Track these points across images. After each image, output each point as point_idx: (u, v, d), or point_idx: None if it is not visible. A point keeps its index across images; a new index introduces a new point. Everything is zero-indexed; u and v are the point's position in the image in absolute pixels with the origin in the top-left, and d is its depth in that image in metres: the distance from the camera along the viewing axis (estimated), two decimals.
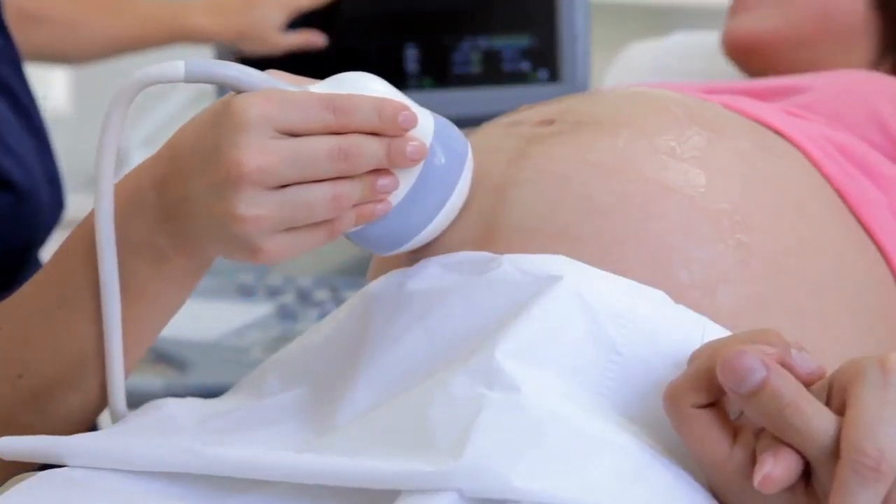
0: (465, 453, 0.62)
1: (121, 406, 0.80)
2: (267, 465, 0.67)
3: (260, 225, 0.70)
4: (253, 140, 0.69)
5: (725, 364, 0.61)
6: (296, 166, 0.70)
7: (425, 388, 0.69)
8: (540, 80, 1.63)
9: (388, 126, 0.72)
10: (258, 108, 0.70)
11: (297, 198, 0.71)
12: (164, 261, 0.77)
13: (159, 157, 0.76)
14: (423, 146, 0.74)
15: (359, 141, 0.72)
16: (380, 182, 0.73)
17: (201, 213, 0.72)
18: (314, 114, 0.71)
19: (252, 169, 0.69)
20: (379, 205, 0.74)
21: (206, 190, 0.71)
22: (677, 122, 0.83)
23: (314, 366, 0.78)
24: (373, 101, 0.72)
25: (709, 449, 0.64)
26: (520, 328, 0.69)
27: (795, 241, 0.80)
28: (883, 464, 0.58)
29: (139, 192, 0.76)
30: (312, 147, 0.71)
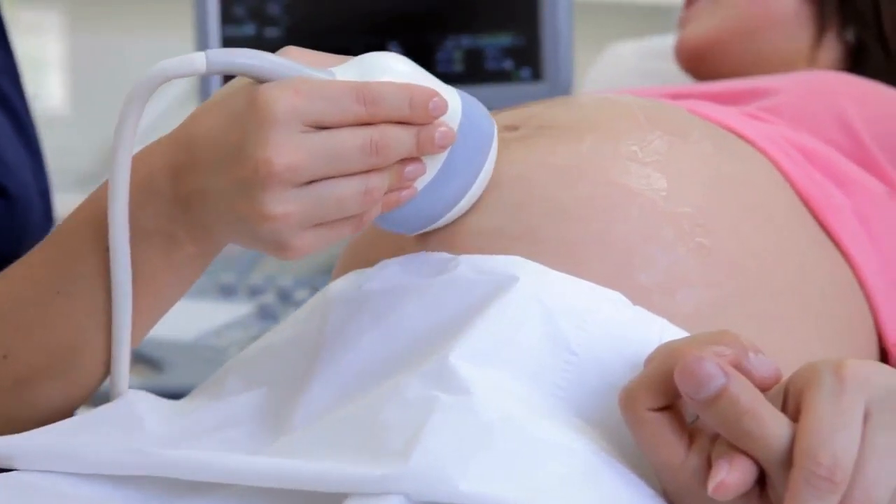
0: (413, 457, 0.62)
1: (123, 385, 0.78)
2: (219, 468, 0.66)
3: (289, 223, 0.68)
4: (282, 136, 0.67)
5: (684, 370, 0.61)
6: (326, 162, 0.68)
7: (379, 390, 0.69)
8: (523, 78, 1.62)
9: (419, 115, 0.70)
10: (286, 101, 0.67)
11: (327, 194, 0.69)
12: (176, 249, 0.74)
13: (174, 143, 0.73)
14: (452, 132, 0.72)
15: (390, 133, 0.69)
16: (407, 170, 0.72)
17: (222, 209, 0.70)
18: (344, 106, 0.68)
19: (282, 168, 0.67)
20: (405, 192, 0.72)
21: (230, 186, 0.69)
22: (639, 127, 0.82)
23: (273, 367, 0.77)
24: (403, 90, 0.70)
25: (663, 453, 0.63)
26: (475, 330, 0.69)
27: (757, 244, 0.79)
28: (836, 472, 0.58)
29: (152, 179, 0.73)
30: (344, 142, 0.68)
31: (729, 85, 1.07)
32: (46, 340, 0.78)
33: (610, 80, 1.58)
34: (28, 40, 5.78)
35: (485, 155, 0.75)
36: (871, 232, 0.90)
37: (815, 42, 1.21)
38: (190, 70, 0.68)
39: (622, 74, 1.57)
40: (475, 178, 0.75)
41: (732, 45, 1.23)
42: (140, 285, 0.75)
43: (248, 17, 1.70)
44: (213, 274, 1.78)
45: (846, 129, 0.99)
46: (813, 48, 1.21)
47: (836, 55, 1.22)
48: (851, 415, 0.59)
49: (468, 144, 0.74)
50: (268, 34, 1.69)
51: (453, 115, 0.73)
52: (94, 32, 3.38)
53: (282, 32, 1.68)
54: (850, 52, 1.21)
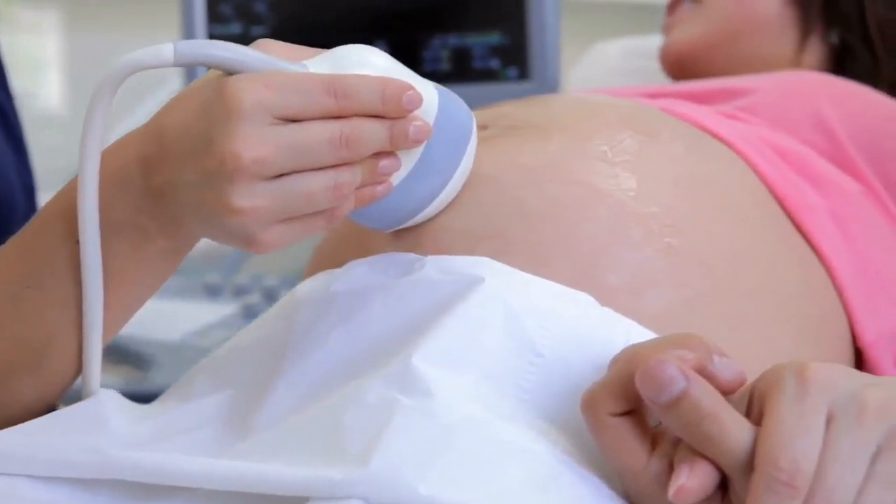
0: (373, 460, 0.61)
1: (95, 385, 0.77)
2: (177, 471, 0.66)
3: (257, 216, 0.67)
4: (249, 129, 0.65)
5: (645, 374, 0.60)
6: (295, 156, 0.67)
7: (342, 392, 0.68)
8: (510, 77, 1.62)
9: (392, 109, 0.69)
10: (255, 93, 0.66)
11: (296, 188, 0.67)
12: (147, 242, 0.73)
13: (146, 135, 0.72)
14: (427, 126, 0.71)
15: (360, 126, 0.68)
16: (381, 165, 0.70)
17: (192, 201, 0.69)
18: (314, 99, 0.67)
19: (248, 161, 0.65)
20: (379, 187, 0.71)
21: (199, 179, 0.68)
22: (610, 126, 0.82)
23: (241, 368, 0.77)
24: (376, 83, 0.69)
25: (625, 458, 0.62)
26: (439, 331, 0.68)
27: (728, 244, 0.79)
28: (797, 477, 0.57)
29: (124, 171, 0.72)
30: (312, 135, 0.67)
31: (707, 84, 1.07)
32: (19, 335, 0.77)
33: (594, 79, 1.58)
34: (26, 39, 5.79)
35: (462, 150, 0.74)
36: (845, 232, 0.89)
37: (799, 45, 1.20)
38: (158, 61, 0.68)
39: (606, 73, 1.56)
40: (452, 173, 0.74)
41: (717, 49, 1.23)
42: (111, 279, 0.74)
43: (235, 16, 1.70)
44: (199, 274, 1.78)
45: (823, 129, 0.98)
46: (797, 51, 1.20)
47: (821, 57, 1.21)
48: (813, 419, 0.58)
49: (445, 139, 0.73)
50: (254, 33, 1.68)
51: (429, 110, 0.72)
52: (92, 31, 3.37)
53: (268, 31, 1.68)
54: (834, 55, 1.21)
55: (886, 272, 0.91)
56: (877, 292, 0.89)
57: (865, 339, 0.87)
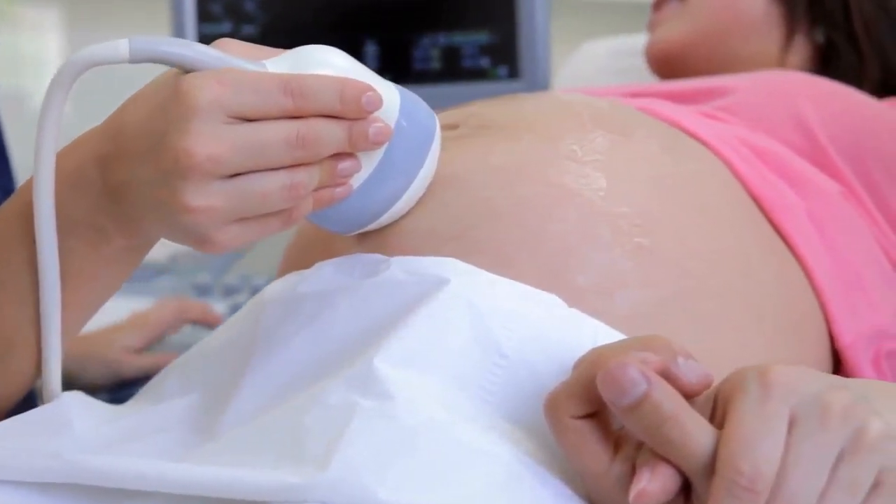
0: (332, 464, 0.60)
1: (56, 389, 0.76)
2: (137, 475, 0.65)
3: (211, 216, 0.66)
4: (203, 127, 0.65)
5: (606, 376, 0.59)
6: (249, 155, 0.66)
7: (305, 394, 0.67)
8: (500, 76, 1.61)
9: (351, 109, 0.68)
10: (210, 91, 0.65)
11: (250, 188, 0.67)
12: (104, 241, 0.73)
13: (104, 133, 0.71)
14: (388, 128, 0.70)
15: (318, 126, 0.67)
16: (340, 166, 0.69)
17: (147, 199, 0.68)
18: (270, 98, 0.66)
19: (202, 159, 0.65)
20: (339, 189, 0.70)
21: (153, 176, 0.67)
22: (581, 126, 0.81)
23: (209, 370, 0.76)
24: (334, 83, 0.68)
25: (587, 460, 0.62)
26: (402, 333, 0.67)
27: (699, 245, 0.78)
28: (758, 481, 0.56)
29: (81, 169, 0.71)
30: (267, 134, 0.66)
31: (687, 84, 1.06)
32: None
33: (582, 78, 1.57)
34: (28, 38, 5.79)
35: (425, 153, 0.73)
36: (823, 233, 0.88)
37: (784, 43, 1.19)
38: (113, 57, 0.67)
39: (594, 72, 1.56)
40: (414, 176, 0.73)
41: (702, 48, 1.22)
42: (69, 279, 0.73)
43: (225, 15, 1.69)
44: (189, 274, 1.78)
45: (802, 130, 0.97)
46: (782, 49, 1.20)
47: (806, 56, 1.21)
48: (775, 422, 0.57)
49: (407, 141, 0.72)
50: (244, 31, 1.68)
51: (390, 112, 0.71)
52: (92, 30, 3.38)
53: (258, 30, 1.67)
54: (819, 53, 1.20)
55: (864, 273, 0.90)
56: (855, 293, 0.89)
57: (843, 340, 0.87)
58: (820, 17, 1.19)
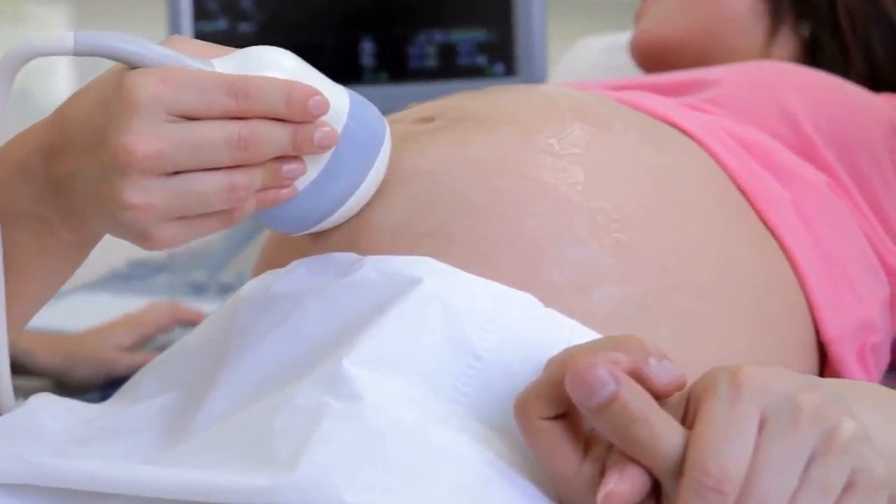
0: (300, 467, 0.60)
1: (8, 399, 0.74)
2: (103, 478, 0.65)
3: (149, 213, 0.65)
4: (143, 124, 0.64)
5: (574, 377, 0.58)
6: (189, 153, 0.65)
7: (276, 395, 0.67)
8: (496, 74, 1.61)
9: (296, 113, 0.67)
10: (152, 88, 0.64)
11: (189, 187, 0.66)
12: (49, 234, 0.72)
13: (50, 125, 0.70)
14: (334, 133, 0.69)
15: (260, 128, 0.66)
16: (285, 168, 0.69)
17: (88, 193, 0.67)
18: (213, 98, 0.66)
19: (141, 156, 0.64)
20: (283, 190, 0.70)
21: (94, 171, 0.66)
22: (560, 118, 0.80)
23: (184, 370, 0.76)
24: (280, 86, 0.67)
25: (557, 462, 0.61)
26: (373, 333, 0.67)
27: (679, 239, 0.77)
28: (725, 483, 0.55)
29: (27, 160, 0.71)
30: (208, 134, 0.65)
31: (673, 77, 1.05)
32: None
33: (576, 75, 1.57)
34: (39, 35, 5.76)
35: (373, 157, 0.73)
36: (809, 225, 0.87)
37: (769, 37, 1.19)
38: (57, 49, 0.66)
39: (588, 69, 1.55)
40: (362, 179, 0.72)
41: (687, 41, 1.21)
42: (15, 272, 0.72)
43: (221, 13, 1.69)
44: (185, 272, 1.78)
45: (789, 121, 0.97)
46: (768, 43, 1.19)
47: (791, 50, 1.20)
48: (744, 423, 0.57)
49: (355, 145, 0.71)
50: (241, 29, 1.68)
51: (338, 116, 0.70)
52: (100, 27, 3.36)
53: (254, 27, 1.67)
54: (805, 47, 1.20)
55: (851, 265, 0.89)
56: (841, 286, 0.88)
57: (829, 334, 0.86)
58: (805, 10, 1.19)
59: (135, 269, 1.82)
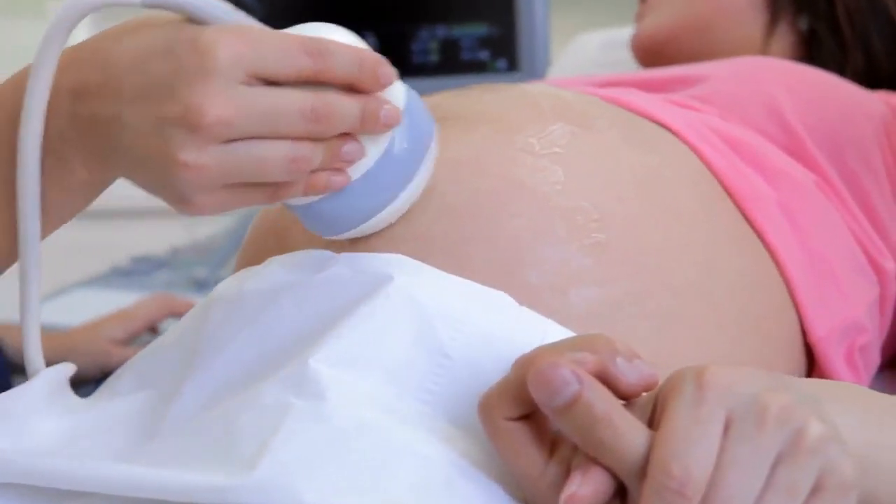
0: (260, 466, 0.59)
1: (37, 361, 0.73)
2: (70, 476, 0.64)
3: (201, 175, 0.62)
4: (219, 86, 0.61)
5: (536, 376, 0.57)
6: (260, 121, 0.62)
7: (244, 395, 0.66)
8: (499, 69, 1.60)
9: (367, 79, 0.64)
10: (232, 47, 0.61)
11: (251, 154, 0.63)
12: (65, 171, 0.68)
13: (83, 61, 0.66)
14: (397, 111, 0.66)
15: (333, 100, 0.63)
16: (345, 148, 0.65)
17: (131, 142, 0.63)
18: (292, 57, 0.62)
19: (213, 119, 0.61)
20: (336, 176, 0.66)
21: (146, 122, 0.62)
22: (541, 117, 0.79)
23: (159, 367, 0.75)
24: (351, 50, 0.64)
25: (522, 463, 0.60)
26: (340, 332, 0.66)
27: (660, 239, 0.76)
28: (688, 486, 0.54)
29: (53, 93, 0.66)
30: (283, 102, 0.62)
31: (662, 73, 1.04)
32: None
33: (572, 71, 1.56)
34: None
35: (422, 155, 0.70)
36: (795, 224, 0.86)
37: (768, 31, 1.18)
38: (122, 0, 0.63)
39: (585, 64, 1.54)
40: (411, 177, 0.69)
41: (687, 37, 1.20)
42: None
43: None
44: (186, 268, 1.78)
45: (778, 118, 0.95)
46: (766, 37, 1.18)
47: (790, 44, 1.19)
48: (709, 425, 0.56)
49: (409, 137, 0.68)
50: None
51: (398, 98, 0.67)
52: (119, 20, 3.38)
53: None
54: (803, 41, 1.18)
55: (838, 265, 0.88)
56: (827, 286, 0.86)
57: (815, 334, 0.85)
58: (804, 5, 1.18)
59: (136, 265, 1.82)
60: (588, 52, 1.57)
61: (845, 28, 1.16)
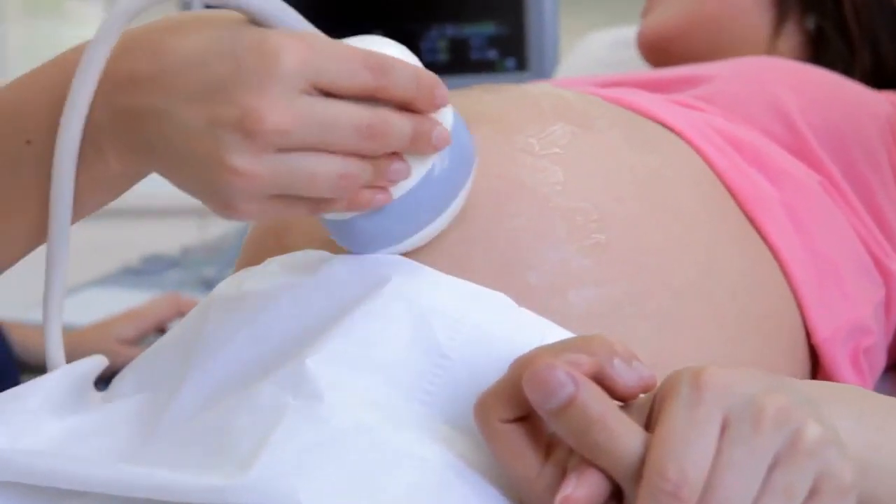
0: (256, 467, 0.59)
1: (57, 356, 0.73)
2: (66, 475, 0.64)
3: (251, 183, 0.60)
4: (281, 93, 0.59)
5: (531, 378, 0.57)
6: (317, 133, 0.61)
7: (241, 395, 0.66)
8: (508, 68, 1.59)
9: (424, 99, 0.63)
10: (296, 54, 0.59)
11: (302, 166, 0.61)
12: (100, 162, 0.66)
13: (134, 49, 0.63)
14: (448, 133, 0.64)
15: (389, 118, 0.62)
16: (393, 167, 0.64)
17: (177, 139, 0.61)
18: (355, 71, 0.61)
19: (271, 127, 0.59)
20: (380, 194, 0.65)
21: (198, 122, 0.60)
22: (541, 117, 0.78)
23: (160, 368, 0.75)
24: (411, 68, 0.63)
25: (518, 465, 0.60)
26: (338, 332, 0.66)
27: (660, 239, 0.75)
28: (684, 488, 0.54)
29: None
30: (341, 116, 0.61)
31: (666, 73, 1.03)
32: None
33: (580, 70, 1.55)
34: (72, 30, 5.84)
35: (465, 178, 0.68)
36: (799, 224, 0.86)
37: (775, 30, 1.17)
38: None
39: (592, 64, 1.53)
40: (451, 200, 0.68)
41: (693, 34, 1.20)
42: None
43: None
44: (197, 267, 1.78)
45: (783, 118, 0.95)
46: (773, 36, 1.17)
47: (797, 43, 1.18)
48: (705, 427, 0.55)
49: (453, 157, 0.66)
50: None
51: (447, 117, 0.65)
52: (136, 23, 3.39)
53: None
54: (810, 40, 1.18)
55: (842, 266, 0.87)
56: (831, 286, 0.86)
57: (819, 335, 0.84)
58: (811, 3, 1.17)
59: (147, 265, 1.82)
60: (597, 51, 1.57)
61: (853, 27, 1.15)
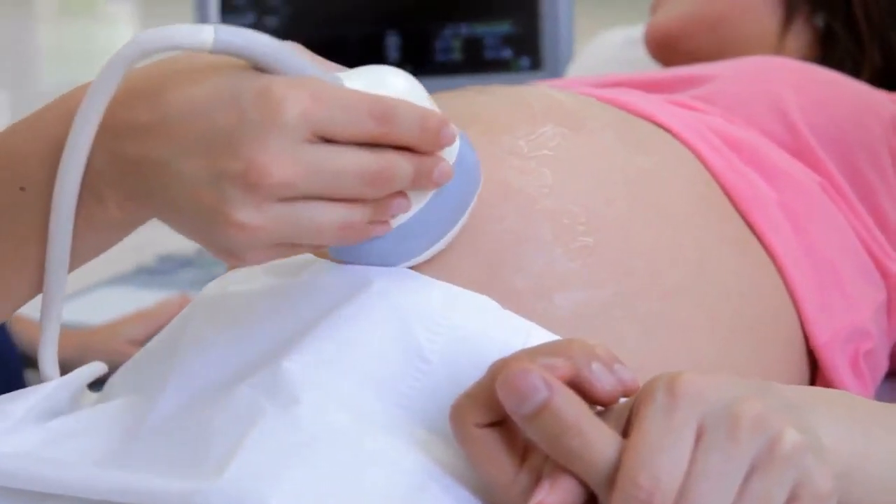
0: (228, 470, 0.59)
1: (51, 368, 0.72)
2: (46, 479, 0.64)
3: (255, 235, 0.59)
4: (285, 145, 0.58)
5: (505, 383, 0.56)
6: (322, 183, 0.59)
7: (220, 397, 0.65)
8: (522, 67, 1.59)
9: (428, 141, 0.62)
10: (302, 104, 0.58)
11: (307, 217, 0.60)
12: (100, 209, 0.65)
13: (134, 97, 0.62)
14: (450, 169, 0.63)
15: (392, 162, 0.61)
16: (393, 204, 0.63)
17: (179, 192, 0.60)
18: (359, 120, 0.60)
19: (275, 180, 0.58)
20: (379, 226, 0.64)
21: (202, 173, 0.59)
22: (532, 119, 0.77)
23: (145, 371, 0.75)
24: (416, 111, 0.61)
25: (493, 470, 0.59)
26: (317, 334, 0.65)
27: (650, 241, 0.74)
28: (656, 496, 0.53)
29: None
30: (345, 165, 0.60)
31: (666, 73, 1.02)
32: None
33: (591, 69, 1.54)
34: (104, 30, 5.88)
35: (467, 204, 0.68)
36: (797, 226, 0.84)
37: (784, 28, 1.16)
38: (193, 43, 0.59)
39: (603, 63, 1.52)
40: (452, 226, 0.68)
41: (700, 31, 1.19)
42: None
43: (248, 6, 1.68)
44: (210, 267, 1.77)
45: (782, 118, 0.93)
46: (782, 34, 1.16)
47: (805, 41, 1.17)
48: (680, 433, 0.54)
49: (455, 189, 0.66)
50: (267, 23, 1.67)
51: (452, 149, 0.65)
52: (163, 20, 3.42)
53: (281, 21, 1.66)
54: (819, 39, 1.16)
55: (841, 269, 0.86)
56: (830, 289, 0.84)
57: (818, 339, 0.83)
58: (820, 2, 1.15)
59: (162, 264, 1.82)
60: (610, 49, 1.56)
61: (862, 25, 1.13)
